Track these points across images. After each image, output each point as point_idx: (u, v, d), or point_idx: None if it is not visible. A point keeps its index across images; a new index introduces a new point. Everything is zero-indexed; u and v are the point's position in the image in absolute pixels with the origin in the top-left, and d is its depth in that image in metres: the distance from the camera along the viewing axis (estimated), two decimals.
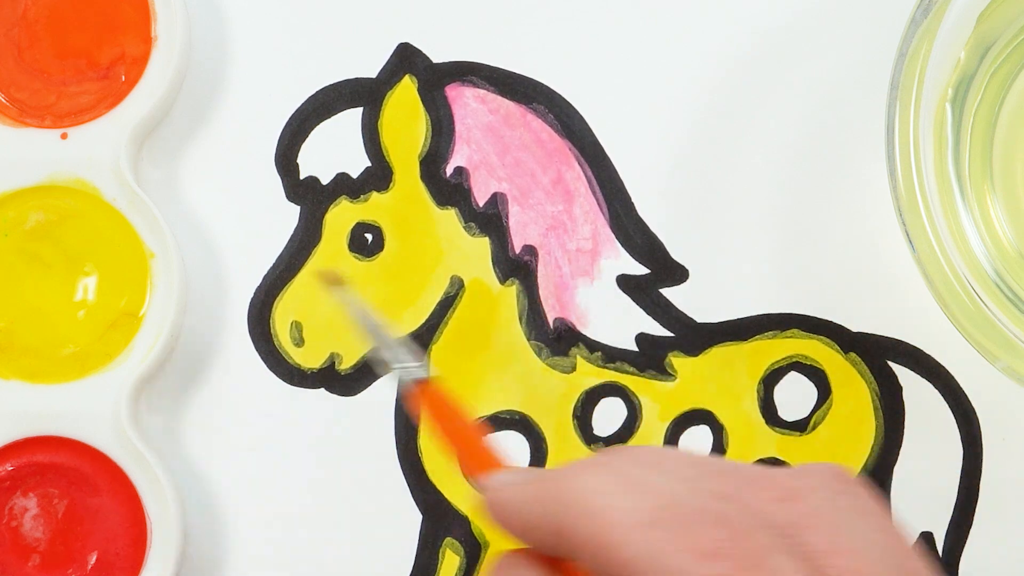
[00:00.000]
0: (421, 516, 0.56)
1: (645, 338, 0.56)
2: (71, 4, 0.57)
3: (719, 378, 0.56)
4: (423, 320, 0.56)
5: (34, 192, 0.56)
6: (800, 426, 0.56)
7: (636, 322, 0.56)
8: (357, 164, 0.57)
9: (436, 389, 0.44)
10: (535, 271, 0.56)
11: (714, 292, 0.56)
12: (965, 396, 0.56)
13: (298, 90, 0.57)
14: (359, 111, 0.57)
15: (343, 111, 0.57)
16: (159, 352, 0.55)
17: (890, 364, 0.56)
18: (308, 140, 0.57)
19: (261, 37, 0.58)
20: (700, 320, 0.56)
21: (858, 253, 0.56)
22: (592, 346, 0.56)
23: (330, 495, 0.56)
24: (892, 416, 0.56)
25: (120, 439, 0.55)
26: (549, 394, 0.56)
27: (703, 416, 0.56)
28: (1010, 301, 0.53)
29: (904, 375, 0.56)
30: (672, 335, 0.56)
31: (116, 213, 0.56)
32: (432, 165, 0.57)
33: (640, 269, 0.56)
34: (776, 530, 0.37)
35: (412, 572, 0.56)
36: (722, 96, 0.57)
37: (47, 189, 0.56)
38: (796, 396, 0.56)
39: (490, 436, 0.56)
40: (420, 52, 0.57)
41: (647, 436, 0.56)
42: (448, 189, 0.57)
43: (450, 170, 0.57)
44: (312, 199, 0.57)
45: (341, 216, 0.57)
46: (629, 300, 0.56)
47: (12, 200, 0.56)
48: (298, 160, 0.57)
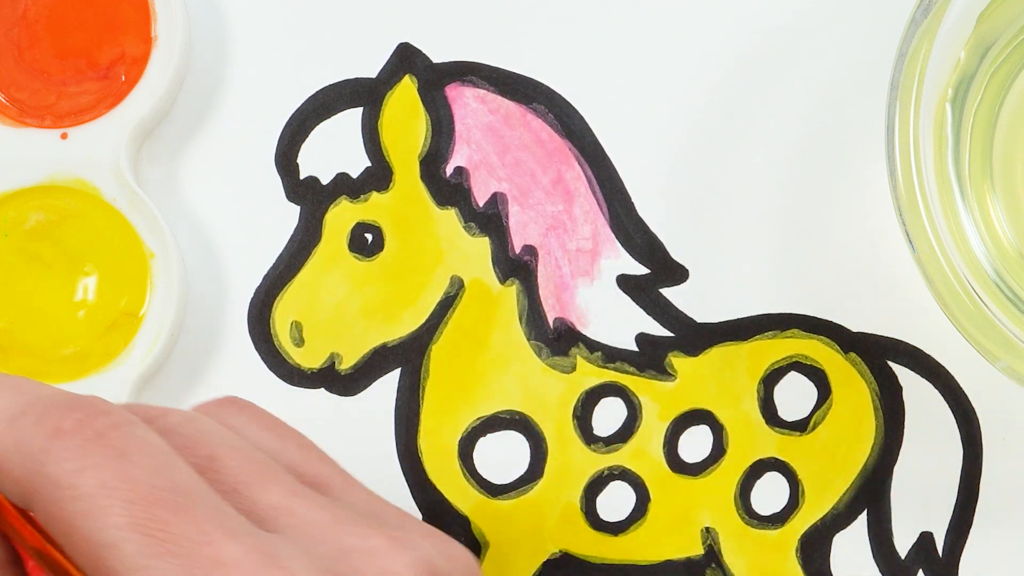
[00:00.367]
0: (421, 516, 0.56)
1: (645, 338, 0.56)
2: (71, 4, 0.57)
3: (719, 378, 0.56)
4: (423, 320, 0.56)
5: (34, 192, 0.56)
6: (800, 426, 0.56)
7: (636, 322, 0.56)
8: (357, 164, 0.57)
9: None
10: (535, 271, 0.56)
11: (714, 292, 0.56)
12: (965, 396, 0.56)
13: (298, 90, 0.57)
14: (359, 111, 0.57)
15: (343, 111, 0.57)
16: (159, 352, 0.55)
17: (890, 364, 0.56)
18: (308, 140, 0.57)
19: (261, 37, 0.58)
20: (700, 320, 0.56)
21: (858, 253, 0.56)
22: (592, 346, 0.56)
23: None
24: (892, 416, 0.56)
25: None
26: (549, 394, 0.56)
27: (703, 416, 0.56)
28: (1010, 301, 0.53)
29: (904, 375, 0.56)
30: (672, 335, 0.56)
31: (116, 213, 0.56)
32: (432, 165, 0.57)
33: (640, 269, 0.56)
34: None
35: None
36: (722, 96, 0.57)
37: (47, 189, 0.56)
38: (796, 396, 0.56)
39: (486, 437, 0.56)
40: (420, 52, 0.57)
41: (647, 436, 0.56)
42: (448, 189, 0.57)
43: (450, 170, 0.57)
44: (312, 199, 0.57)
45: (341, 216, 0.57)
46: (629, 300, 0.56)
47: (12, 200, 0.56)
48: (298, 160, 0.57)
